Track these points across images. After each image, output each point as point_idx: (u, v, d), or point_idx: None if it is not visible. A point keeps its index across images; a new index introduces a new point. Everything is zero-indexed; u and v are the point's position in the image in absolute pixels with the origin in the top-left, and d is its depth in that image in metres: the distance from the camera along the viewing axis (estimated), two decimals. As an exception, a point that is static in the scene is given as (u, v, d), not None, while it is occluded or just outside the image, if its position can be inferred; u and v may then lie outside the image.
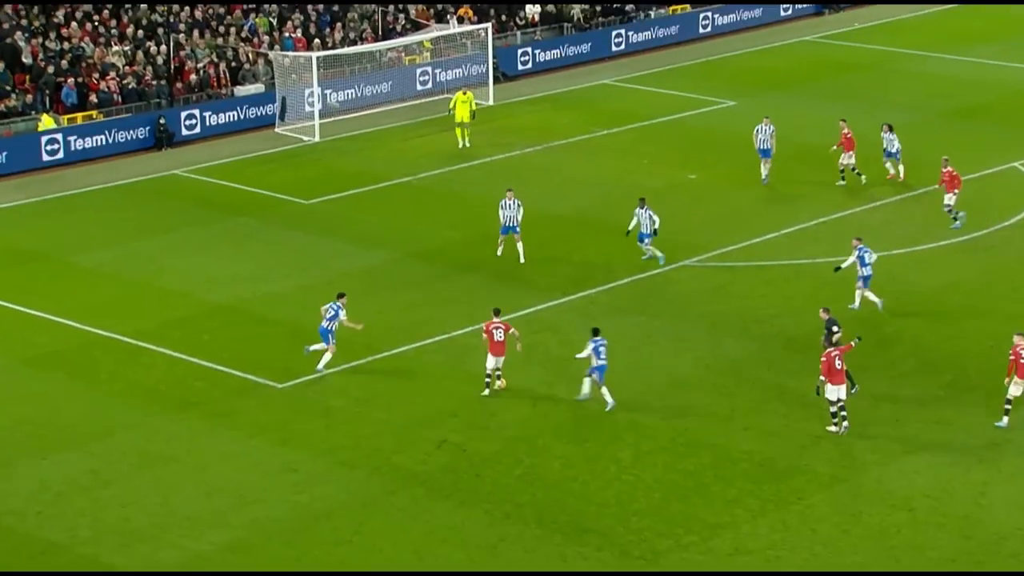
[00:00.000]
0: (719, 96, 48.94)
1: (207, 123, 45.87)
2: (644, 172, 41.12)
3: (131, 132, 44.46)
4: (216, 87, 46.87)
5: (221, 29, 48.42)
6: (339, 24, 50.37)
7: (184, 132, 45.35)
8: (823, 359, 26.99)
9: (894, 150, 39.96)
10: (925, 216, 37.89)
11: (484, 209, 38.47)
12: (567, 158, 43.12)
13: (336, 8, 51.22)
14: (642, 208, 34.59)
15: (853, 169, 39.70)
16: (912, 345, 30.73)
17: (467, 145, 43.59)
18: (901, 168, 40.10)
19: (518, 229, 34.88)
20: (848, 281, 32.69)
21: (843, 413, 27.07)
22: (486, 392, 28.45)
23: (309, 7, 50.65)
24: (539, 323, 31.93)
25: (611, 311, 32.44)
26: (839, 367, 26.89)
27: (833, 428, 27.08)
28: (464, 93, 44.34)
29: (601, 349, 27.96)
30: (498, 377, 28.66)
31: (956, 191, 36.80)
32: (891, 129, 39.84)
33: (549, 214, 37.98)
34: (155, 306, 33.18)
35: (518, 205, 34.93)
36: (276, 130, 46.28)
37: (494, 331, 28.41)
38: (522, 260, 34.76)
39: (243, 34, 48.61)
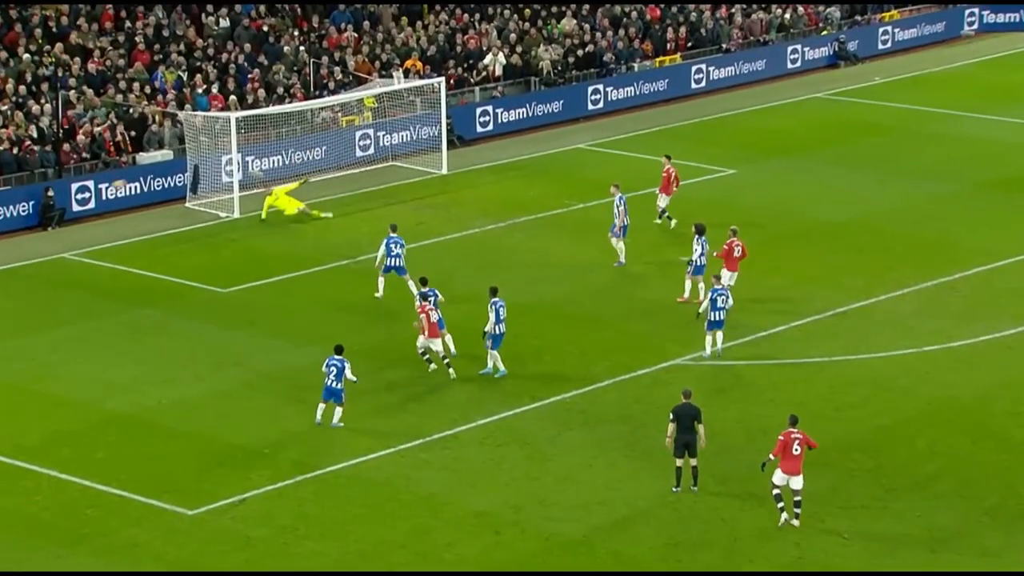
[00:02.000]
0: (716, 163, 49.39)
1: (103, 196, 45.95)
2: (628, 254, 41.29)
3: (10, 208, 44.47)
4: (114, 153, 47.02)
5: (121, 84, 48.63)
6: (262, 78, 50.68)
7: (75, 207, 45.40)
8: (780, 437, 27.97)
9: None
10: (962, 306, 38.22)
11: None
12: (536, 237, 43.33)
13: (260, 59, 51.56)
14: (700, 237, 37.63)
15: (663, 213, 42.75)
16: (948, 460, 30.83)
17: (325, 215, 44.67)
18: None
19: (405, 271, 37.92)
20: (873, 384, 32.84)
21: (797, 511, 27.98)
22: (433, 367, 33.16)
23: (224, 56, 50.96)
24: (504, 433, 31.91)
25: (589, 419, 32.48)
26: (796, 453, 27.78)
27: (784, 517, 28.08)
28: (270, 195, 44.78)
29: (501, 310, 32.92)
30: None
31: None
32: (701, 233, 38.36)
33: (515, 303, 38.04)
34: (39, 417, 32.95)
35: (401, 245, 38.19)
36: (187, 204, 46.40)
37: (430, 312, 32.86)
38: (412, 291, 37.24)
39: (147, 90, 48.85)
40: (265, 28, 53.26)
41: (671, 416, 29.26)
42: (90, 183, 45.67)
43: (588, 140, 52.52)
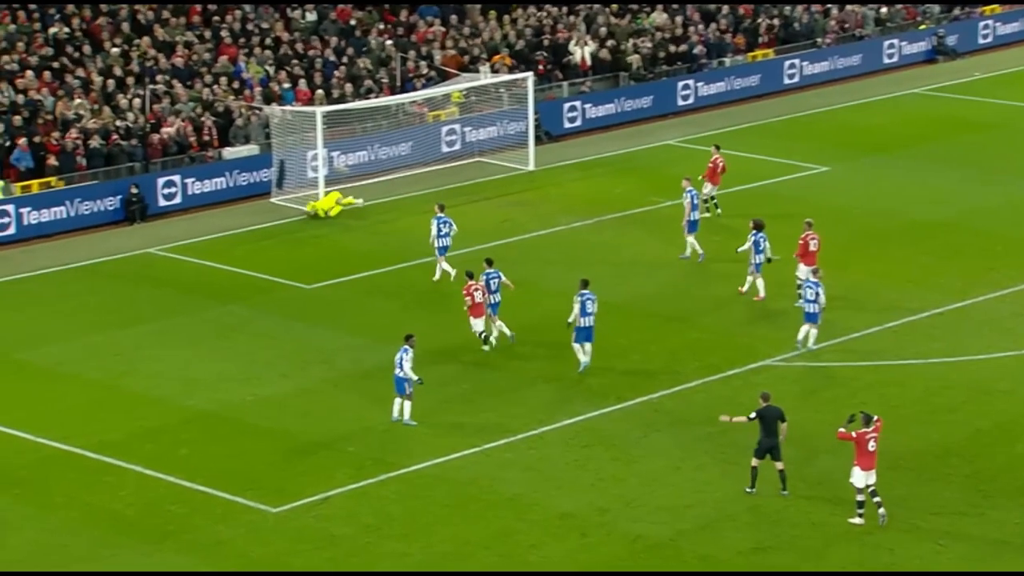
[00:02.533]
0: (809, 160, 49.13)
1: (189, 192, 46.37)
2: (720, 251, 41.23)
3: (97, 202, 44.97)
4: (200, 148, 47.44)
5: (208, 79, 49.06)
6: (348, 73, 50.92)
7: (161, 202, 45.84)
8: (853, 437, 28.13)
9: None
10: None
11: (524, 294, 38.65)
12: (623, 234, 43.29)
13: (346, 53, 51.80)
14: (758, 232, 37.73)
15: (712, 199, 42.87)
16: (1045, 466, 30.60)
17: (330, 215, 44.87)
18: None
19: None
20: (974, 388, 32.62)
21: (876, 499, 27.88)
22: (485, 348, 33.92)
23: (312, 52, 51.28)
24: (589, 434, 31.93)
25: (677, 420, 32.42)
26: (871, 449, 27.92)
27: (857, 520, 27.98)
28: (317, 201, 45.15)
29: (588, 304, 33.92)
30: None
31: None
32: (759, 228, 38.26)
33: (601, 301, 38.05)
34: (123, 413, 33.33)
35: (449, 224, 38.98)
36: (272, 200, 46.73)
37: (475, 293, 33.76)
38: (440, 278, 39.09)
39: (234, 84, 49.24)
40: (352, 22, 53.54)
41: (754, 416, 29.15)
42: (176, 177, 46.10)
43: (677, 136, 52.38)
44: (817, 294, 35.03)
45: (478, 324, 35.54)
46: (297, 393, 34.05)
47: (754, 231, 38.06)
